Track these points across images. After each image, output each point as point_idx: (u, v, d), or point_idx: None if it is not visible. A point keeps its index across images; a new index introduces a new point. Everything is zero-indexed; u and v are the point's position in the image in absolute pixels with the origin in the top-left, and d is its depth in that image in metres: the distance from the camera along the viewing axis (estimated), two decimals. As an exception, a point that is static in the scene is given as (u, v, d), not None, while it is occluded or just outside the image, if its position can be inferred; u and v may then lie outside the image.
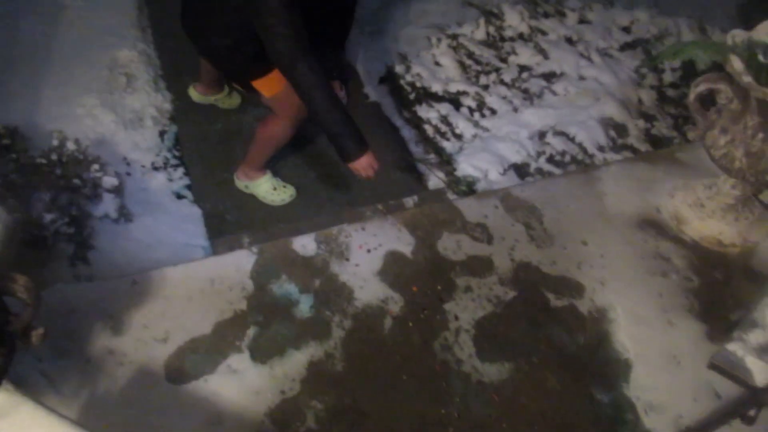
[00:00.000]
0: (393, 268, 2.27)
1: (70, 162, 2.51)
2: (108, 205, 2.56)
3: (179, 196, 2.84)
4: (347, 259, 2.27)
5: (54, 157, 2.48)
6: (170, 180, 2.87)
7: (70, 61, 3.18)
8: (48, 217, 2.31)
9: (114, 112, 2.97)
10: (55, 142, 2.56)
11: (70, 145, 2.56)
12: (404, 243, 2.35)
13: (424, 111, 3.22)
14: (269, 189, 2.85)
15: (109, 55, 3.24)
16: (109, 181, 2.56)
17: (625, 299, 2.27)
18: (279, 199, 2.86)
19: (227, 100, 3.21)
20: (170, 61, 3.38)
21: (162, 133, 3.04)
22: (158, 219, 2.67)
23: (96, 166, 2.57)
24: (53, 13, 3.42)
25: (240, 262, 2.22)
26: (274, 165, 2.91)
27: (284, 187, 2.88)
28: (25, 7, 3.45)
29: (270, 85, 2.44)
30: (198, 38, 2.45)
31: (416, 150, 3.16)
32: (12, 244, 1.64)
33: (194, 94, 3.18)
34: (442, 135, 3.13)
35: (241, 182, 2.88)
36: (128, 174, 2.79)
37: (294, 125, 2.57)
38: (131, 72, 3.22)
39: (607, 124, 3.15)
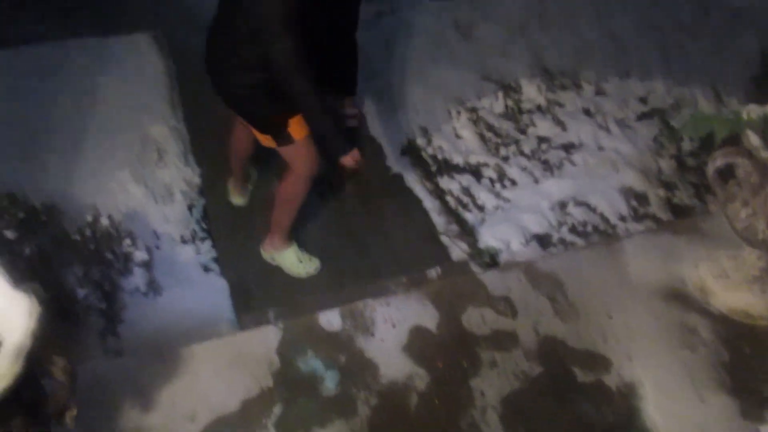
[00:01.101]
0: (418, 343, 2.28)
1: (103, 237, 2.59)
2: (138, 278, 2.62)
3: (206, 269, 2.89)
4: (372, 335, 2.29)
5: (88, 232, 2.56)
6: (198, 253, 2.93)
7: (105, 136, 3.31)
8: (81, 292, 2.37)
9: (145, 186, 3.08)
10: (90, 218, 2.65)
11: (104, 221, 2.65)
12: (429, 317, 2.36)
13: (446, 182, 3.28)
14: (295, 261, 2.90)
15: (142, 130, 3.37)
16: (140, 255, 2.63)
17: (654, 374, 2.25)
18: (304, 271, 2.90)
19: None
20: (199, 136, 3.50)
21: (191, 207, 3.13)
22: (186, 292, 2.72)
23: (128, 241, 2.64)
24: (90, 89, 3.58)
25: (266, 338, 2.25)
26: (298, 236, 2.96)
27: (309, 259, 2.93)
28: (64, 84, 3.63)
29: (291, 133, 2.52)
30: (220, 82, 2.55)
31: (439, 221, 3.20)
32: (47, 322, 1.69)
33: (236, 198, 3.19)
34: (464, 206, 3.18)
35: (267, 254, 2.93)
36: (157, 247, 2.86)
37: (309, 180, 2.68)
38: (162, 147, 3.34)
39: (628, 193, 3.18)
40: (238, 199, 3.18)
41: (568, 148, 3.42)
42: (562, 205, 3.14)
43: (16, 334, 1.41)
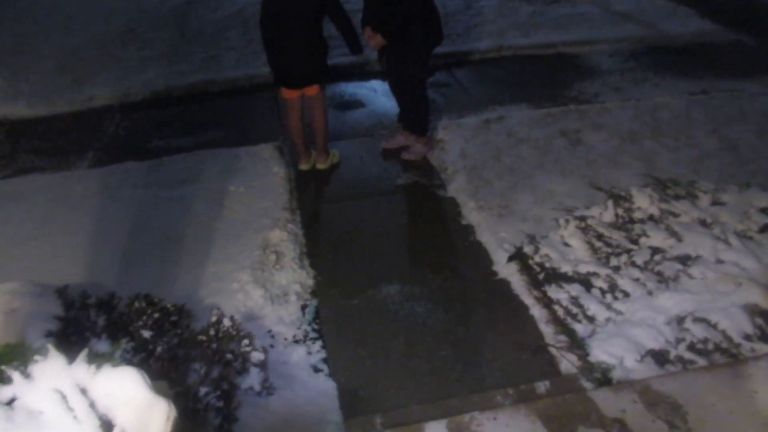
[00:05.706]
0: (527, 465, 2.21)
1: (225, 337, 2.76)
2: (253, 378, 2.75)
3: (316, 369, 2.99)
4: (480, 452, 2.25)
5: (212, 332, 2.74)
6: (309, 353, 3.04)
7: (229, 240, 3.61)
8: (202, 390, 2.51)
9: (264, 288, 3.28)
10: (214, 318, 2.84)
11: (226, 322, 2.83)
12: (538, 437, 2.30)
13: (553, 291, 3.25)
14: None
15: (262, 235, 3.64)
16: (257, 356, 2.77)
17: None
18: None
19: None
20: (314, 240, 3.72)
21: (303, 307, 3.28)
22: (296, 393, 2.82)
23: (246, 341, 2.79)
24: (219, 197, 3.94)
25: (373, 447, 2.27)
26: (401, 342, 3.00)
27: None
28: (197, 191, 4.01)
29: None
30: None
31: (546, 330, 3.14)
32: (175, 419, 1.82)
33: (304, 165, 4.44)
34: (573, 317, 3.12)
35: (326, 164, 4.37)
36: (272, 346, 3.00)
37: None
38: (280, 250, 3.57)
39: (753, 311, 2.99)
40: (305, 166, 4.42)
41: (684, 260, 3.30)
42: (680, 321, 3.00)
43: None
